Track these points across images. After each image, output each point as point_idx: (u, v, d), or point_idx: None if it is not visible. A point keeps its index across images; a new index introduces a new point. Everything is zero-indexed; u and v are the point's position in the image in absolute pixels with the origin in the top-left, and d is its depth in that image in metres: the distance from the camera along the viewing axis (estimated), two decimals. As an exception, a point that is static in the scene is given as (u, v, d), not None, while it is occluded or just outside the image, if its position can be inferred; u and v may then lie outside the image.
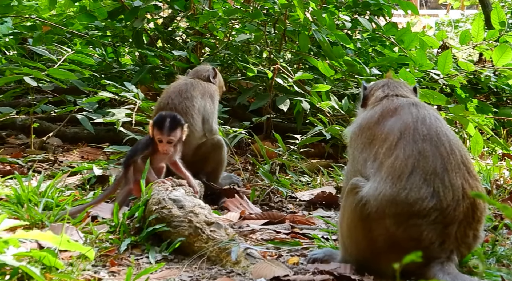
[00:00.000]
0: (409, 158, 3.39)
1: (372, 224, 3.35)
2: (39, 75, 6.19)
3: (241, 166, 6.43)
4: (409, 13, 10.25)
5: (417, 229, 3.27)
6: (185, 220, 3.87)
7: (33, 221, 4.08)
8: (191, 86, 5.46)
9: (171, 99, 5.35)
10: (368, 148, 3.61)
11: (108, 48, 8.69)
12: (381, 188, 3.36)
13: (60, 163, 6.28)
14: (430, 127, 3.51)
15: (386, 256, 3.33)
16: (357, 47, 8.41)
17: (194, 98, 5.39)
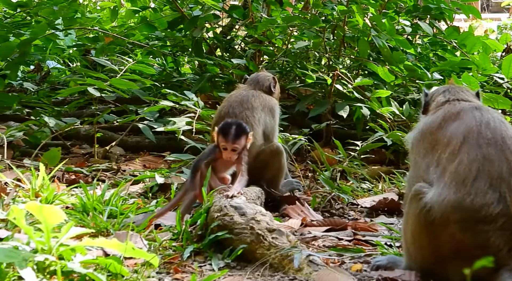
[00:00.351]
0: (473, 162, 3.32)
1: (437, 231, 3.30)
2: (102, 86, 6.32)
3: (301, 173, 6.43)
4: (470, 18, 10.08)
5: (484, 235, 3.20)
6: (247, 227, 3.88)
7: (99, 229, 4.16)
8: (252, 96, 5.46)
9: (232, 108, 5.36)
10: (430, 153, 3.55)
11: (168, 57, 8.82)
12: (445, 194, 3.30)
13: (123, 172, 6.38)
14: (494, 131, 3.43)
15: (452, 263, 3.27)
16: (417, 52, 8.31)
17: (255, 109, 5.40)
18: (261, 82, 5.68)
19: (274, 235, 3.83)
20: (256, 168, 5.24)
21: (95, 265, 3.35)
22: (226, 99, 5.57)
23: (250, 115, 5.34)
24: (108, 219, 4.35)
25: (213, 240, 3.93)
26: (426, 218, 3.31)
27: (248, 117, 5.31)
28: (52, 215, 3.17)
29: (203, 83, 7.69)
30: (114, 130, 7.77)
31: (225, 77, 7.98)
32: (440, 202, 3.28)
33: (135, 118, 6.85)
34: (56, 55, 9.78)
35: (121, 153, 7.41)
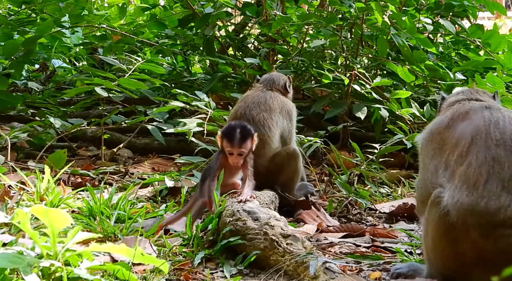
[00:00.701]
0: (482, 165, 3.30)
1: (458, 237, 3.28)
2: (109, 85, 6.34)
3: (317, 177, 6.41)
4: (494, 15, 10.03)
5: (506, 240, 3.18)
6: (261, 232, 3.88)
7: (106, 233, 4.17)
8: (270, 98, 5.46)
9: (249, 109, 5.36)
10: (438, 154, 3.55)
11: (179, 56, 8.83)
12: (457, 197, 3.29)
13: (131, 174, 6.40)
14: (504, 131, 3.41)
15: (476, 271, 3.24)
16: (439, 51, 8.27)
17: (272, 111, 5.40)
18: (276, 81, 5.68)
19: (288, 241, 3.83)
20: (271, 171, 5.23)
21: (103, 271, 3.36)
22: (242, 99, 5.56)
23: (267, 117, 5.34)
24: (116, 223, 4.37)
25: (225, 246, 3.93)
26: (446, 224, 3.29)
27: (266, 119, 5.31)
28: (58, 219, 3.17)
29: (214, 83, 7.69)
30: (122, 132, 7.79)
31: (238, 77, 7.98)
32: (454, 204, 3.26)
33: (144, 119, 6.87)
34: (62, 53, 9.83)
35: (129, 155, 7.43)
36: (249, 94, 5.59)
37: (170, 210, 4.83)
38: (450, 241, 3.31)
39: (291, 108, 5.57)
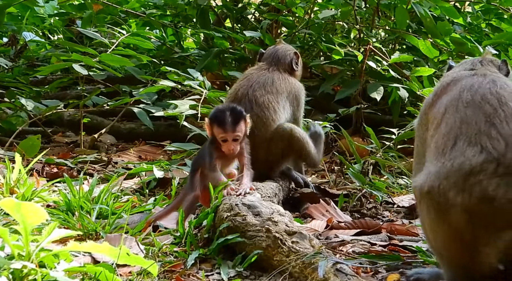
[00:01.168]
0: (451, 130, 3.44)
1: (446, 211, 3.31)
2: (89, 62, 6.33)
3: (326, 166, 6.42)
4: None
5: (479, 186, 3.23)
6: (262, 229, 3.88)
7: (86, 231, 4.17)
8: (278, 79, 5.45)
9: (253, 89, 5.35)
10: (425, 136, 3.71)
11: (169, 29, 8.82)
12: (427, 171, 3.42)
13: (115, 164, 6.40)
14: (475, 93, 3.53)
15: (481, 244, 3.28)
16: (467, 22, 8.26)
17: (280, 94, 5.39)
18: (282, 58, 5.64)
19: (294, 238, 3.83)
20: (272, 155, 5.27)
21: (82, 273, 3.36)
22: (245, 77, 5.53)
23: (273, 100, 5.33)
24: (98, 219, 4.36)
25: (222, 245, 3.93)
26: (429, 204, 3.35)
27: (271, 102, 5.31)
28: (32, 214, 3.16)
29: (209, 60, 7.68)
30: (104, 115, 7.80)
31: (236, 53, 7.97)
32: (427, 180, 3.37)
33: (129, 101, 6.86)
34: (34, 25, 9.82)
35: (112, 142, 7.43)
36: (253, 72, 5.56)
37: (160, 204, 4.83)
38: (443, 221, 3.33)
39: (299, 92, 5.56)
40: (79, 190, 4.63)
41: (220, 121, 4.56)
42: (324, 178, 6.24)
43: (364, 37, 7.66)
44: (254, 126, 5.02)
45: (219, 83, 7.81)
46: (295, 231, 3.88)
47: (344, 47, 7.41)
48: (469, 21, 8.29)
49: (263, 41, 7.75)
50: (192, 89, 6.35)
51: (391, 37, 7.93)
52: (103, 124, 7.49)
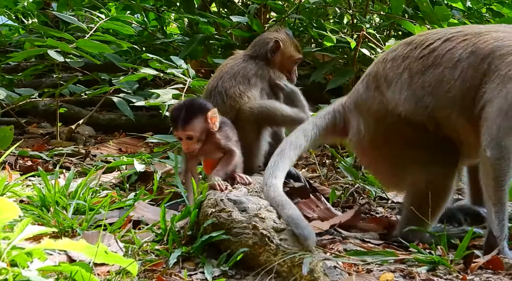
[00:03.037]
0: None
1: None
2: (66, 48, 6.31)
3: (317, 160, 6.42)
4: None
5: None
6: (249, 226, 3.88)
7: (62, 228, 4.17)
8: (250, 69, 5.41)
9: (223, 81, 5.33)
10: None
11: (151, 14, 8.80)
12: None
13: (93, 157, 6.39)
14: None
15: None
16: (466, 7, 8.26)
17: (252, 86, 5.37)
18: (260, 46, 5.59)
19: (282, 236, 3.83)
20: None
21: (57, 273, 3.35)
22: (219, 68, 5.53)
23: (245, 90, 5.30)
24: (74, 215, 4.36)
25: (206, 242, 3.93)
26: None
27: (243, 92, 5.28)
28: (4, 210, 3.16)
29: (194, 47, 7.67)
30: (81, 105, 7.77)
31: (222, 39, 7.97)
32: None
33: (109, 90, 6.85)
34: (6, 8, 9.75)
35: (90, 133, 7.42)
36: (227, 62, 5.53)
37: (142, 199, 4.82)
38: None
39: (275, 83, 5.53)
40: (54, 184, 4.62)
41: (173, 118, 4.50)
42: (314, 172, 6.24)
43: (357, 22, 7.67)
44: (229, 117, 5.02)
45: (204, 72, 7.80)
46: (283, 228, 3.88)
47: (336, 33, 7.42)
48: (469, 6, 8.29)
49: (250, 26, 7.74)
50: (176, 78, 6.34)
51: (386, 23, 7.94)
52: (80, 114, 7.47)
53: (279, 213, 3.98)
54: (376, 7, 8.00)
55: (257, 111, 5.21)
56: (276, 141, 5.33)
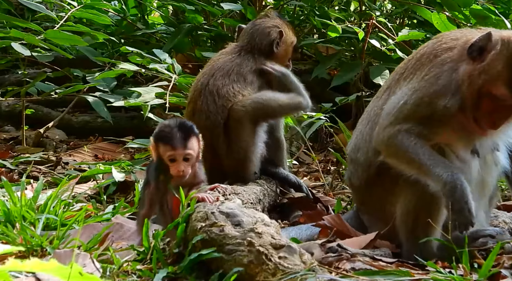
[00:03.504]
0: None
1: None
2: (32, 40, 6.31)
3: (321, 166, 6.43)
4: None
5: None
6: (244, 242, 3.88)
7: (30, 246, 4.16)
8: (247, 65, 5.42)
9: (215, 79, 5.34)
10: None
11: (130, 0, 8.81)
12: None
13: (65, 165, 6.39)
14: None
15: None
16: (491, -10, 8.30)
17: (249, 84, 5.38)
18: (260, 38, 5.59)
19: (281, 253, 3.83)
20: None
21: (25, 297, 3.36)
22: (209, 63, 5.52)
23: (240, 89, 5.31)
24: (44, 232, 4.35)
25: (196, 261, 3.93)
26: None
27: (238, 92, 5.30)
28: (-37, 225, 3.17)
29: (180, 39, 7.68)
30: (51, 105, 7.78)
31: (212, 30, 7.98)
32: None
33: (83, 88, 6.85)
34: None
35: (61, 138, 7.42)
36: (220, 57, 5.53)
37: (120, 213, 4.83)
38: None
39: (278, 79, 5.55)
40: (21, 196, 4.61)
41: (167, 137, 4.41)
42: (318, 180, 6.26)
43: (366, 10, 7.69)
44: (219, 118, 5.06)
45: (191, 67, 7.81)
46: (282, 245, 3.88)
47: (342, 22, 7.44)
48: (494, -11, 8.32)
49: (244, 15, 7.75)
50: (159, 74, 6.35)
51: (399, 10, 7.98)
52: (50, 116, 7.48)
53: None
54: (388, -8, 8.02)
55: (250, 108, 5.23)
56: (273, 140, 5.37)
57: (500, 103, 4.53)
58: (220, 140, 5.19)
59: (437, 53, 4.86)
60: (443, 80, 4.69)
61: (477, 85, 4.55)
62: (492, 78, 4.53)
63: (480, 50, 4.62)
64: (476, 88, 4.56)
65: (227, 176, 5.09)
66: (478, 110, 4.58)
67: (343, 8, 8.39)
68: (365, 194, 5.04)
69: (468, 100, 4.58)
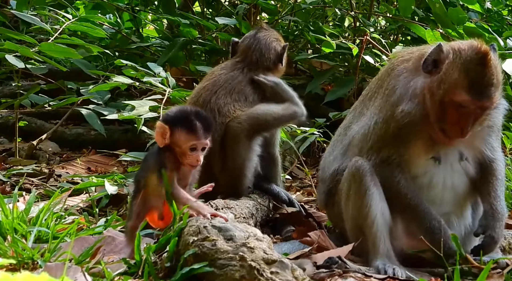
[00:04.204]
0: None
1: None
2: (27, 53, 6.30)
3: (313, 182, 6.42)
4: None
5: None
6: (236, 257, 3.88)
7: (21, 259, 4.14)
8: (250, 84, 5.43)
9: (217, 97, 5.33)
10: None
11: (125, 14, 8.81)
12: None
13: (58, 177, 6.37)
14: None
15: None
16: (485, 9, 8.30)
17: (249, 104, 5.38)
18: (265, 52, 5.56)
19: (273, 268, 3.82)
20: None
21: (16, 311, 3.34)
22: (211, 78, 5.46)
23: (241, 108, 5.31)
24: (35, 245, 4.34)
25: (187, 276, 3.92)
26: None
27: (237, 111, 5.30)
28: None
29: (174, 52, 7.68)
30: (45, 118, 7.76)
31: (206, 44, 7.98)
32: None
33: (76, 101, 6.84)
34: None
35: (54, 150, 7.41)
36: (222, 72, 5.48)
37: (113, 226, 4.82)
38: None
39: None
40: (12, 209, 4.59)
41: (191, 124, 4.40)
42: (311, 195, 6.26)
43: (360, 26, 7.70)
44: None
45: (185, 80, 7.82)
46: (274, 260, 3.88)
47: (336, 38, 7.44)
48: (488, 7, 8.33)
49: (239, 29, 7.76)
50: (153, 87, 6.35)
51: (393, 26, 7.98)
52: (43, 128, 7.46)
53: None
54: (382, 8, 8.04)
55: (246, 124, 5.23)
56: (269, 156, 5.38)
57: (464, 111, 4.63)
58: (216, 157, 5.18)
59: (394, 66, 5.00)
60: (400, 89, 4.81)
61: (439, 96, 4.66)
62: (451, 87, 4.63)
63: (434, 63, 4.74)
64: (438, 99, 4.66)
65: (219, 192, 5.08)
66: (445, 122, 4.67)
67: (338, 24, 8.39)
68: (329, 212, 5.24)
69: (433, 112, 4.69)
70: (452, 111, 4.65)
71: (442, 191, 4.88)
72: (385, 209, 4.69)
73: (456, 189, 4.92)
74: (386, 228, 4.66)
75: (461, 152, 4.87)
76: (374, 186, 4.74)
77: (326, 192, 5.08)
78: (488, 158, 4.91)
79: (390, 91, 4.88)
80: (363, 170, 4.76)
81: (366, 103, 5.09)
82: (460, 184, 4.92)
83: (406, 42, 8.05)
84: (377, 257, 4.60)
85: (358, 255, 4.77)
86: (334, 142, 5.24)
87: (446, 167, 4.85)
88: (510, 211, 5.82)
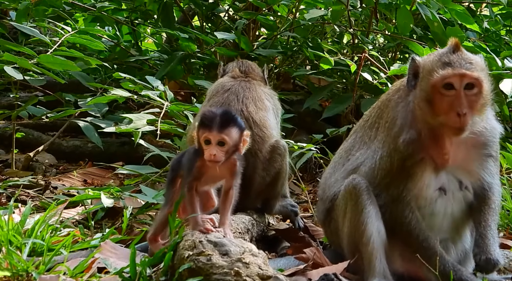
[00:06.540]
0: None
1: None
2: (25, 64, 6.29)
3: (310, 197, 6.42)
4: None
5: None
6: (231, 272, 3.87)
7: (15, 271, 4.13)
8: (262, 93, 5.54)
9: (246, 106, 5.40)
10: None
11: (124, 27, 8.81)
12: None
13: (54, 189, 6.36)
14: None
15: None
16: (483, 29, 8.31)
17: (268, 111, 5.48)
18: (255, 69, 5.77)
19: (269, 285, 3.82)
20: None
21: (10, 323, 3.34)
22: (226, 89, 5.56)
23: (265, 117, 5.41)
24: (30, 257, 4.32)
25: (182, 291, 3.92)
26: None
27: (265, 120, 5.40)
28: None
29: (173, 66, 7.68)
30: (42, 129, 7.75)
31: (205, 58, 7.97)
32: None
33: (74, 113, 6.83)
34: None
35: (51, 162, 7.39)
36: (234, 83, 5.61)
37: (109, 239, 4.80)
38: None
39: (278, 102, 5.69)
40: (8, 220, 4.58)
41: (207, 119, 4.43)
42: (307, 211, 6.24)
43: (359, 43, 7.70)
44: (256, 147, 5.11)
45: (183, 94, 7.81)
46: (269, 275, 3.87)
47: (335, 54, 7.45)
48: (486, 27, 8.34)
49: (237, 44, 7.76)
50: (151, 101, 6.34)
51: (391, 44, 7.98)
52: (40, 140, 7.45)
53: None
54: (381, 26, 8.04)
55: (283, 148, 5.51)
56: None
57: (451, 93, 4.62)
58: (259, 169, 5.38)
59: (390, 97, 5.07)
60: (400, 120, 4.87)
61: (425, 91, 4.69)
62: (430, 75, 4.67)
63: (414, 76, 4.84)
64: (425, 95, 4.69)
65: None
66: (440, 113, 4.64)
67: (336, 41, 8.39)
68: (326, 230, 5.23)
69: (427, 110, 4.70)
70: (440, 98, 4.64)
71: (442, 219, 4.91)
72: (381, 227, 4.65)
73: (455, 216, 4.94)
74: (382, 247, 4.63)
75: (460, 180, 4.86)
76: (370, 204, 4.72)
77: (324, 212, 5.10)
78: (487, 184, 4.91)
79: (390, 124, 4.93)
80: (360, 188, 4.76)
81: (367, 132, 5.13)
82: (459, 212, 4.94)
83: (404, 60, 8.06)
84: (373, 276, 4.58)
85: (353, 272, 4.73)
86: (335, 163, 5.25)
87: (448, 196, 4.85)
88: (506, 230, 5.81)
